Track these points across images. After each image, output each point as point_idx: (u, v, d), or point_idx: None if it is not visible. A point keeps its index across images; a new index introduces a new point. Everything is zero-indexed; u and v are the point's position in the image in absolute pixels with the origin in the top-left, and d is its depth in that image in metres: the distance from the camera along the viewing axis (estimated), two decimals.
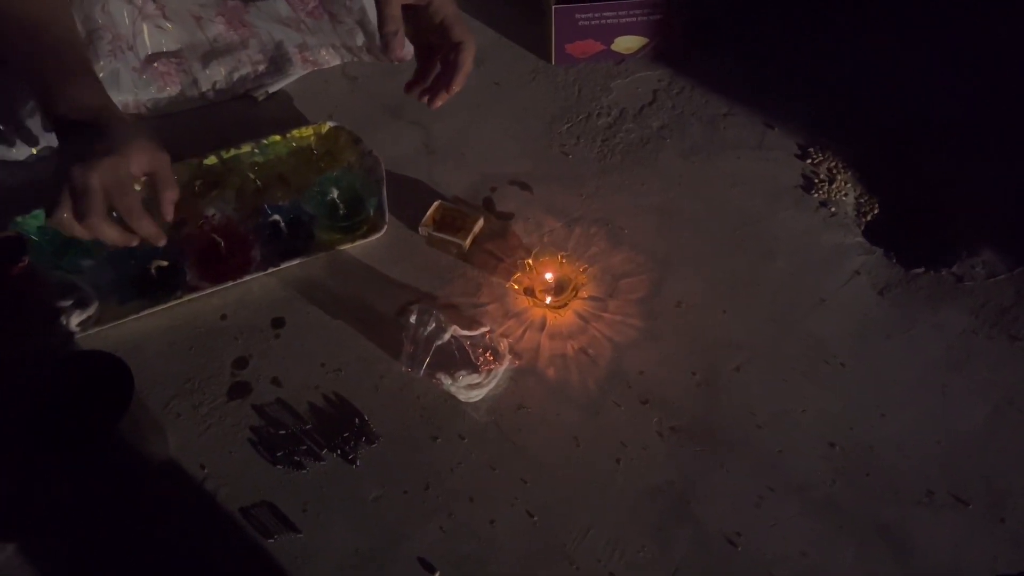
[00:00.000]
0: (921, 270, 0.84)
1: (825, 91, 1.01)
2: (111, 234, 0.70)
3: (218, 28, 1.00)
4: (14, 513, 0.70)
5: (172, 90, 1.00)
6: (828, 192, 0.90)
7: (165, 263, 0.84)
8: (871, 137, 0.96)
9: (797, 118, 0.98)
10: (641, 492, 0.71)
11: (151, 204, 0.74)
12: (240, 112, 1.01)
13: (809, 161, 0.93)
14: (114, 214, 0.70)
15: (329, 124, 0.95)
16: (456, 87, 0.76)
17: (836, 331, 0.80)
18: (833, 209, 0.89)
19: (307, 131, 0.94)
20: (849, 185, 0.91)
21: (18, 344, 0.79)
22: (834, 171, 0.92)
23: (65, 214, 0.68)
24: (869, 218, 0.88)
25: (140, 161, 0.71)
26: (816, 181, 0.91)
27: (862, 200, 0.90)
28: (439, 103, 0.77)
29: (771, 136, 0.97)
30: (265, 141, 0.93)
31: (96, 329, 0.81)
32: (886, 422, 0.74)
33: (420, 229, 0.88)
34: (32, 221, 0.87)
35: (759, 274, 0.85)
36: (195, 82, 1.01)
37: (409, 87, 0.80)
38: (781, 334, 0.80)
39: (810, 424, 0.75)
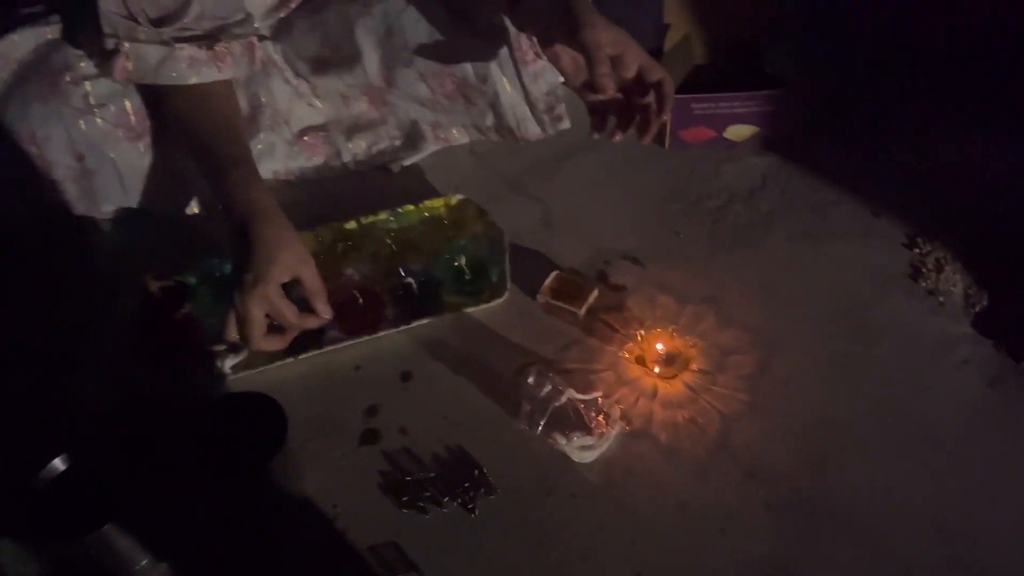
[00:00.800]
0: None
1: (934, 182, 1.04)
2: (273, 345, 0.86)
3: (361, 106, 1.10)
4: (172, 536, 0.78)
5: (318, 160, 1.11)
6: (936, 281, 0.93)
7: None
8: (981, 228, 0.98)
9: (905, 208, 1.01)
10: (745, 563, 0.74)
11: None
12: (377, 182, 1.10)
13: (917, 250, 0.96)
14: None
15: (458, 197, 1.03)
16: (666, 115, 0.83)
17: (944, 418, 0.82)
18: (941, 299, 0.91)
19: (438, 202, 1.03)
20: (958, 276, 0.93)
21: (177, 382, 0.88)
22: (942, 261, 0.94)
23: (234, 334, 0.85)
24: (978, 309, 0.90)
25: (287, 275, 0.83)
26: (924, 270, 0.94)
27: (971, 291, 0.92)
28: (650, 137, 0.84)
29: (878, 225, 1.00)
30: (400, 210, 1.02)
31: (245, 373, 0.90)
32: (996, 511, 0.75)
33: (538, 297, 0.94)
34: (192, 272, 0.97)
35: (865, 358, 0.87)
36: (338, 153, 1.11)
37: (600, 130, 0.87)
38: (888, 417, 0.82)
39: (917, 508, 0.76)
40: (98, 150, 0.98)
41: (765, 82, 1.06)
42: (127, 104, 0.99)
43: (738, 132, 1.09)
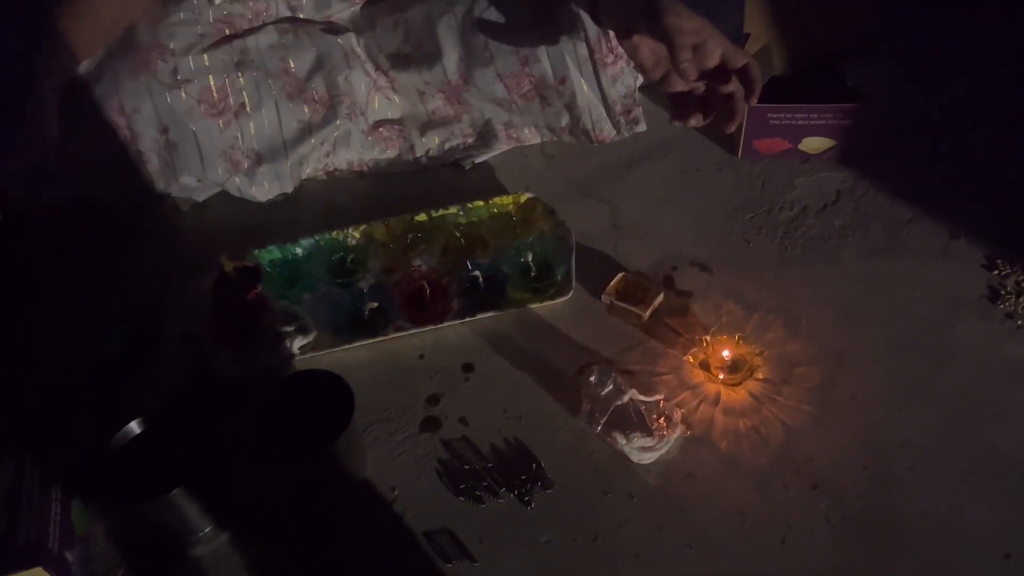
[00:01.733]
0: None
1: (1015, 204, 1.01)
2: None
3: (437, 103, 1.12)
4: (236, 507, 0.80)
5: (391, 153, 1.13)
6: (1015, 305, 0.90)
7: (375, 305, 0.95)
8: None
9: (984, 229, 0.98)
10: (805, 575, 0.73)
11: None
12: (448, 177, 1.12)
13: (996, 272, 0.93)
14: None
15: (527, 195, 1.04)
16: (754, 100, 0.83)
17: (1017, 444, 0.79)
18: (1020, 322, 0.89)
19: (507, 199, 1.04)
20: None
21: (248, 361, 0.91)
22: (1023, 284, 0.92)
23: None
24: None
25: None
26: (1003, 293, 0.91)
27: None
28: (734, 125, 0.84)
29: (956, 245, 0.97)
30: (470, 205, 1.03)
31: (312, 355, 0.92)
32: None
33: (603, 297, 0.94)
34: (265, 255, 1.00)
35: (938, 379, 0.85)
36: (412, 148, 1.13)
37: (680, 119, 0.87)
38: (958, 439, 0.80)
39: (984, 532, 0.74)
40: (181, 123, 1.02)
41: (844, 96, 1.04)
42: (211, 80, 1.02)
43: (813, 145, 1.08)
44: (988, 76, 1.18)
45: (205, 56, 1.02)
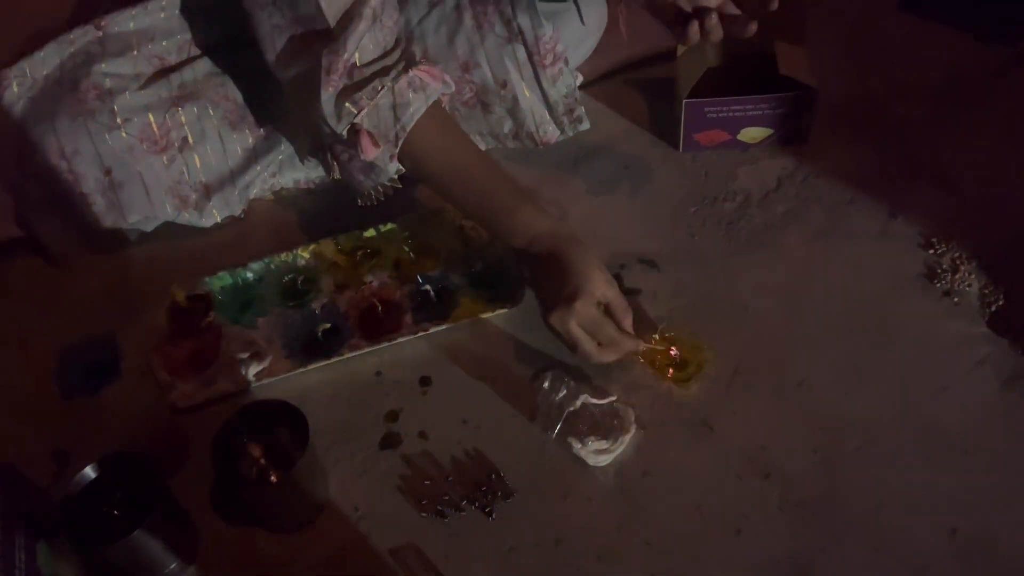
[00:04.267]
0: None
1: (951, 184, 1.03)
2: (611, 357, 0.86)
3: None
4: (198, 541, 0.80)
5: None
6: (951, 282, 0.93)
7: (329, 326, 0.95)
8: (996, 229, 0.97)
9: (922, 209, 1.01)
10: (762, 563, 0.75)
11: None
12: (396, 190, 1.11)
13: (932, 251, 0.96)
14: None
15: None
16: (774, 4, 0.79)
17: (959, 418, 0.82)
18: (956, 299, 0.91)
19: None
20: (973, 276, 0.93)
21: (204, 390, 0.91)
22: (957, 261, 0.94)
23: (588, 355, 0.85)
24: (993, 309, 0.90)
25: (599, 294, 0.85)
26: (939, 271, 0.94)
27: (986, 291, 0.92)
28: (753, 27, 0.83)
29: (895, 225, 1.00)
30: (418, 217, 1.04)
31: (268, 380, 0.92)
32: (1011, 511, 0.76)
33: None
34: (216, 281, 1.00)
35: (881, 358, 0.88)
36: None
37: (683, 38, 0.85)
38: (902, 418, 0.83)
39: (931, 508, 0.77)
40: (125, 164, 1.00)
41: (779, 84, 1.06)
42: (151, 118, 1.01)
43: (752, 134, 1.09)
44: (922, 55, 1.21)
45: (143, 93, 1.01)
